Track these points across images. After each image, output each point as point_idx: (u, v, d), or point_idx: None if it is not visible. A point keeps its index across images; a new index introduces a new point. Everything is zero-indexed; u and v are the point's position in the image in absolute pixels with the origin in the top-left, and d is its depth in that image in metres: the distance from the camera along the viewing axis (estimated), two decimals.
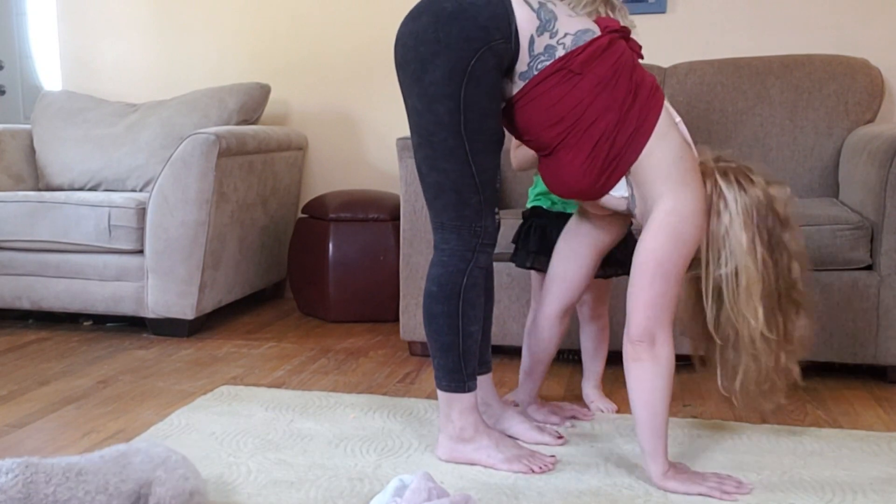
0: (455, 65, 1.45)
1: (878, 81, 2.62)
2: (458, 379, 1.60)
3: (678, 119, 1.54)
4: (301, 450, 1.70)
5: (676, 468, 1.51)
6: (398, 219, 2.59)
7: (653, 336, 1.46)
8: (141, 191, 3.06)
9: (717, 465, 1.61)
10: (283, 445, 1.73)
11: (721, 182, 1.49)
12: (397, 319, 2.51)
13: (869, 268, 2.12)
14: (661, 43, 2.96)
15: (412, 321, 2.41)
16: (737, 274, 1.46)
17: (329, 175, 3.41)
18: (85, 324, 2.91)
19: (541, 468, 1.58)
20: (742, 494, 1.47)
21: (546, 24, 1.47)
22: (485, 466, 1.60)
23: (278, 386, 2.17)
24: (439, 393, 1.63)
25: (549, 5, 1.50)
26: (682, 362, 2.37)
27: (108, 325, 2.89)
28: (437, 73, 1.46)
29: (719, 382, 1.55)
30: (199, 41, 3.49)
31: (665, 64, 2.82)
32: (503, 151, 1.62)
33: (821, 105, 2.61)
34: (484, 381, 1.72)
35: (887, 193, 2.06)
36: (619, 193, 1.53)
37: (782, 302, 1.51)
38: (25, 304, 2.80)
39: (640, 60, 1.58)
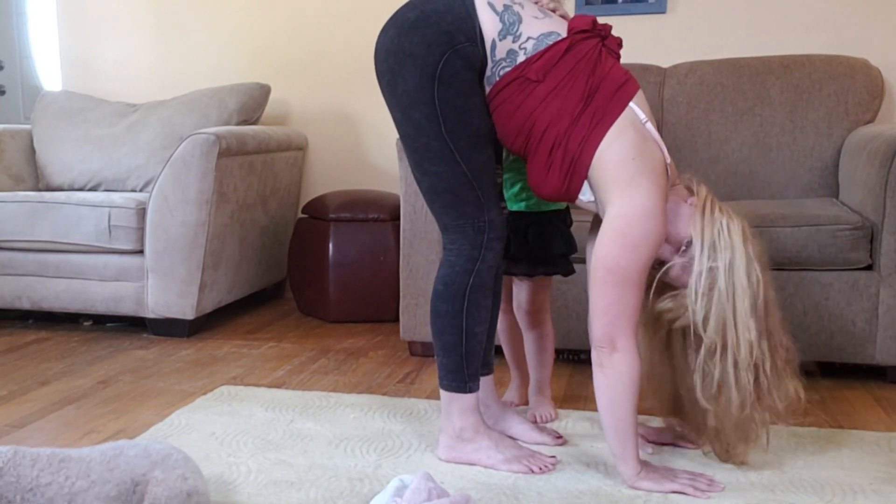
0: (423, 70, 1.48)
1: (878, 81, 2.62)
2: (459, 379, 1.60)
3: (643, 118, 1.49)
4: (301, 450, 1.70)
5: (649, 468, 1.51)
6: (398, 219, 2.60)
7: (612, 341, 1.45)
8: (141, 191, 3.06)
9: (717, 465, 1.61)
10: (283, 445, 1.73)
11: (717, 207, 1.51)
12: (397, 319, 2.51)
13: (869, 268, 2.11)
14: (661, 43, 2.97)
15: (412, 321, 2.41)
16: (732, 293, 1.45)
17: (329, 175, 3.41)
18: (85, 324, 2.91)
19: (540, 468, 1.58)
20: (714, 492, 1.48)
21: (509, 28, 1.48)
22: (485, 467, 1.60)
23: (278, 386, 2.17)
24: (441, 392, 1.63)
25: (516, 7, 1.51)
26: None
27: (108, 325, 2.89)
28: (408, 82, 1.49)
29: (701, 400, 1.51)
30: (199, 41, 3.49)
31: (665, 64, 2.82)
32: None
33: (821, 105, 2.61)
34: (485, 382, 1.72)
35: (887, 193, 2.06)
36: (586, 198, 1.52)
37: (770, 325, 1.49)
38: (25, 304, 2.81)
39: (622, 58, 1.57)
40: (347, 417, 1.91)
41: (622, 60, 1.60)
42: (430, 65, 1.47)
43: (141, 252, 2.68)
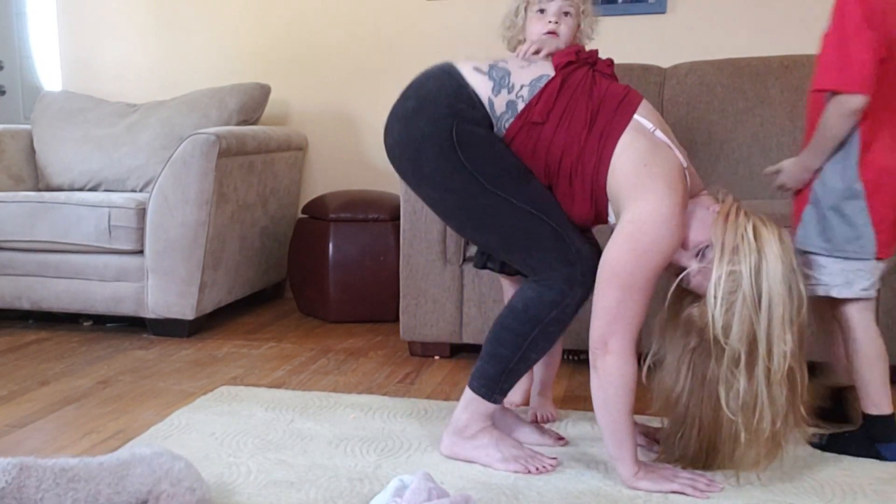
0: (441, 147, 1.51)
1: None
2: (490, 388, 1.61)
3: (651, 126, 1.49)
4: (301, 450, 1.70)
5: (647, 468, 1.51)
6: (398, 219, 2.59)
7: (605, 344, 1.45)
8: (141, 191, 3.06)
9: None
10: (283, 445, 1.73)
11: (753, 218, 1.46)
12: (397, 319, 2.51)
13: None
14: (661, 43, 2.97)
15: (412, 321, 2.41)
16: (771, 302, 1.39)
17: (329, 175, 3.41)
18: (85, 324, 2.91)
19: (538, 469, 1.58)
20: (713, 492, 1.47)
21: (500, 82, 1.53)
22: (483, 465, 1.61)
23: (278, 386, 2.17)
24: (467, 389, 1.63)
25: (500, 63, 1.57)
26: None
27: (108, 325, 2.89)
28: (431, 162, 1.53)
29: (724, 406, 1.45)
30: (199, 41, 3.49)
31: (665, 64, 2.82)
32: None
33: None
34: None
35: None
36: (614, 221, 1.53)
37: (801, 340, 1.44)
38: (25, 305, 2.80)
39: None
40: (347, 417, 1.91)
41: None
42: (444, 138, 1.51)
43: (141, 252, 2.68)
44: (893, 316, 2.08)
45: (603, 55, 1.67)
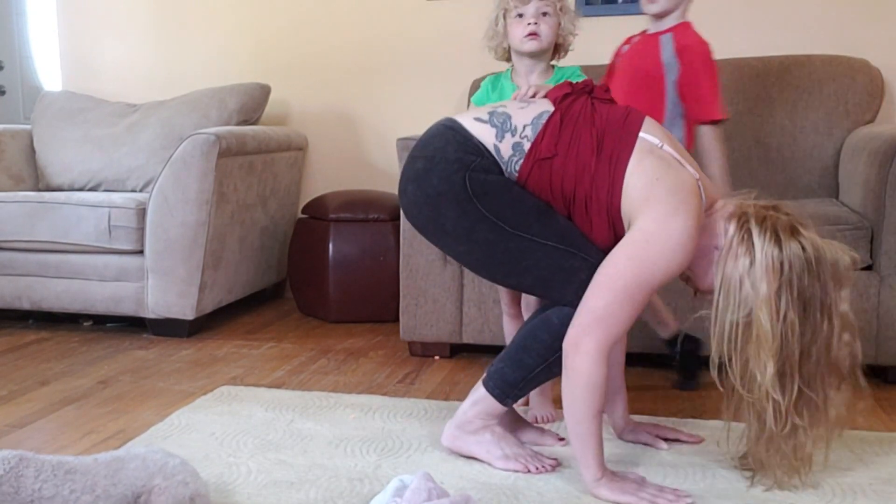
0: (458, 201, 1.52)
1: (878, 82, 2.62)
2: (506, 391, 1.60)
3: (658, 143, 1.48)
4: (301, 450, 1.70)
5: (612, 476, 1.48)
6: (398, 219, 2.60)
7: (577, 344, 1.43)
8: (141, 191, 3.06)
9: (717, 465, 1.61)
10: (283, 445, 1.73)
11: (753, 227, 1.41)
12: (397, 319, 2.51)
13: (869, 268, 2.11)
14: None
15: (412, 321, 2.41)
16: (748, 324, 1.38)
17: (329, 175, 3.40)
18: (85, 324, 2.91)
19: (537, 468, 1.58)
20: None
21: (503, 127, 1.54)
22: (482, 461, 1.61)
23: (278, 386, 2.17)
24: (481, 387, 1.62)
25: (499, 109, 1.58)
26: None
27: (108, 325, 2.89)
28: (451, 217, 1.53)
29: (725, 420, 1.49)
30: (199, 41, 3.49)
31: None
32: None
33: (821, 105, 2.61)
34: None
35: (887, 193, 2.06)
36: None
37: (807, 370, 1.40)
38: (25, 305, 2.80)
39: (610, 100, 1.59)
40: (347, 417, 1.91)
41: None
42: (459, 191, 1.51)
43: (141, 252, 2.68)
44: (893, 316, 2.08)
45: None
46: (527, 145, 1.52)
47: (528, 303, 1.88)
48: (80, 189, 3.15)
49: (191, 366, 2.37)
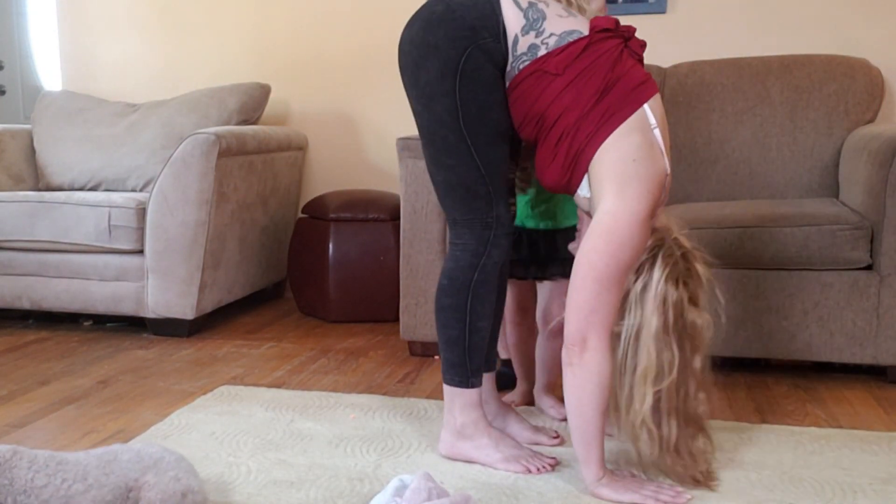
0: (446, 64, 1.49)
1: (878, 81, 2.62)
2: (462, 374, 1.61)
3: (654, 123, 1.48)
4: (301, 450, 1.70)
5: (614, 475, 1.49)
6: (398, 219, 2.59)
7: (584, 340, 1.43)
8: (141, 191, 3.06)
9: (717, 465, 1.61)
10: (283, 445, 1.73)
11: (660, 258, 1.44)
12: (397, 319, 2.51)
13: (869, 268, 2.11)
14: (661, 43, 2.96)
15: (412, 321, 2.41)
16: (637, 348, 1.43)
17: (329, 175, 3.40)
18: (85, 324, 2.91)
19: (538, 469, 1.58)
20: (680, 503, 1.44)
21: (533, 24, 1.50)
22: (483, 465, 1.61)
23: (278, 386, 2.17)
24: (444, 387, 1.64)
25: (540, 5, 1.52)
26: None
27: (108, 325, 2.89)
28: (430, 74, 1.51)
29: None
30: (199, 41, 3.49)
31: (665, 64, 2.82)
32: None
33: (821, 105, 2.61)
34: (485, 378, 1.72)
35: (887, 193, 2.06)
36: (583, 193, 1.51)
37: (675, 409, 1.45)
38: (25, 304, 2.80)
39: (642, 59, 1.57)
40: (347, 417, 1.91)
41: None
42: (452, 58, 1.49)
43: (141, 252, 2.68)
44: (893, 315, 2.08)
45: None
46: (542, 51, 1.48)
47: (546, 313, 1.88)
48: (80, 189, 3.15)
49: (191, 365, 2.37)
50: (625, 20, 3.15)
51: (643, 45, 1.57)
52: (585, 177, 1.48)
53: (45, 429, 1.86)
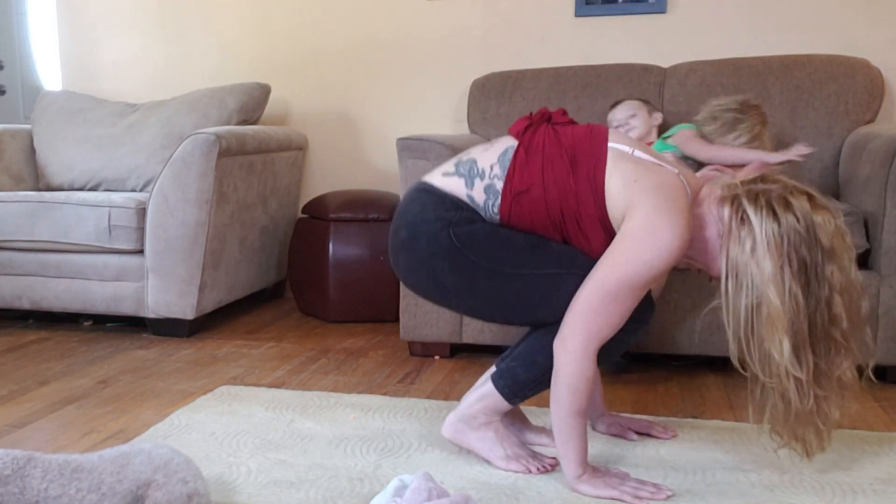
0: (450, 257, 1.52)
1: (879, 82, 2.62)
2: (514, 391, 1.59)
3: (629, 150, 1.49)
4: (301, 450, 1.70)
5: (596, 471, 1.50)
6: None
7: (564, 341, 1.44)
8: (141, 191, 3.06)
9: (717, 465, 1.61)
10: (283, 445, 1.73)
11: (748, 207, 1.40)
12: (397, 319, 2.51)
13: (869, 268, 2.11)
14: (661, 43, 2.97)
15: (412, 321, 2.41)
16: (759, 305, 1.37)
17: (329, 175, 3.41)
18: (85, 324, 2.91)
19: (538, 469, 1.58)
20: (658, 499, 1.45)
21: (470, 174, 1.56)
22: (482, 458, 1.61)
23: (278, 386, 2.17)
24: (489, 383, 1.62)
25: (464, 157, 1.59)
26: (678, 363, 2.37)
27: (108, 325, 2.89)
28: (449, 276, 1.54)
29: (750, 419, 1.48)
30: (200, 41, 3.50)
31: (665, 64, 2.82)
32: None
33: (821, 105, 2.61)
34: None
35: (887, 193, 2.06)
36: None
37: (816, 339, 1.39)
38: (25, 304, 2.81)
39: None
40: (347, 417, 1.91)
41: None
42: (448, 247, 1.52)
43: (141, 252, 2.69)
44: (893, 316, 2.08)
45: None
46: (499, 184, 1.53)
47: None
48: (80, 189, 3.15)
49: (191, 365, 2.38)
50: (625, 20, 3.17)
51: (563, 112, 1.62)
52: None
53: (45, 429, 1.86)
